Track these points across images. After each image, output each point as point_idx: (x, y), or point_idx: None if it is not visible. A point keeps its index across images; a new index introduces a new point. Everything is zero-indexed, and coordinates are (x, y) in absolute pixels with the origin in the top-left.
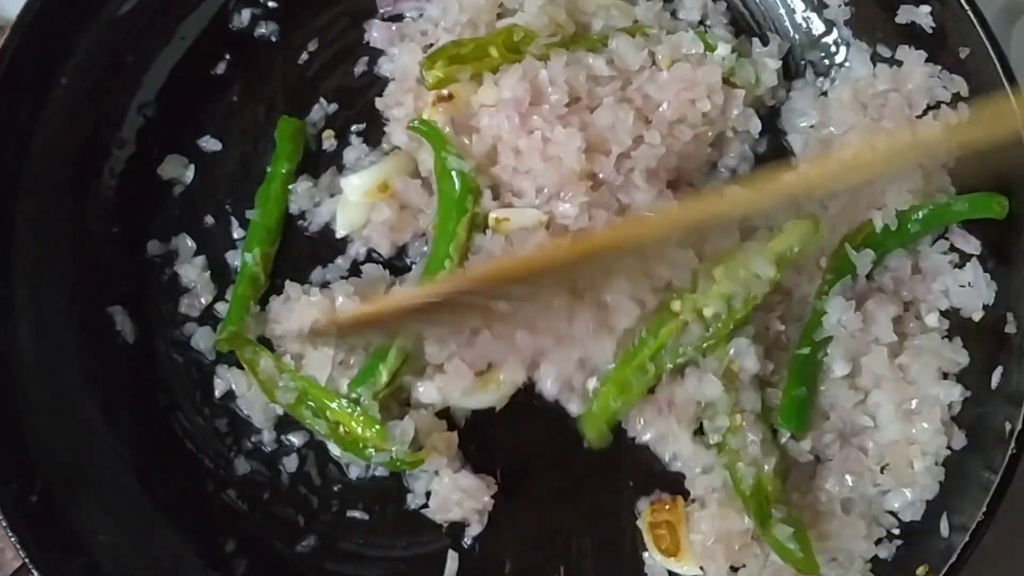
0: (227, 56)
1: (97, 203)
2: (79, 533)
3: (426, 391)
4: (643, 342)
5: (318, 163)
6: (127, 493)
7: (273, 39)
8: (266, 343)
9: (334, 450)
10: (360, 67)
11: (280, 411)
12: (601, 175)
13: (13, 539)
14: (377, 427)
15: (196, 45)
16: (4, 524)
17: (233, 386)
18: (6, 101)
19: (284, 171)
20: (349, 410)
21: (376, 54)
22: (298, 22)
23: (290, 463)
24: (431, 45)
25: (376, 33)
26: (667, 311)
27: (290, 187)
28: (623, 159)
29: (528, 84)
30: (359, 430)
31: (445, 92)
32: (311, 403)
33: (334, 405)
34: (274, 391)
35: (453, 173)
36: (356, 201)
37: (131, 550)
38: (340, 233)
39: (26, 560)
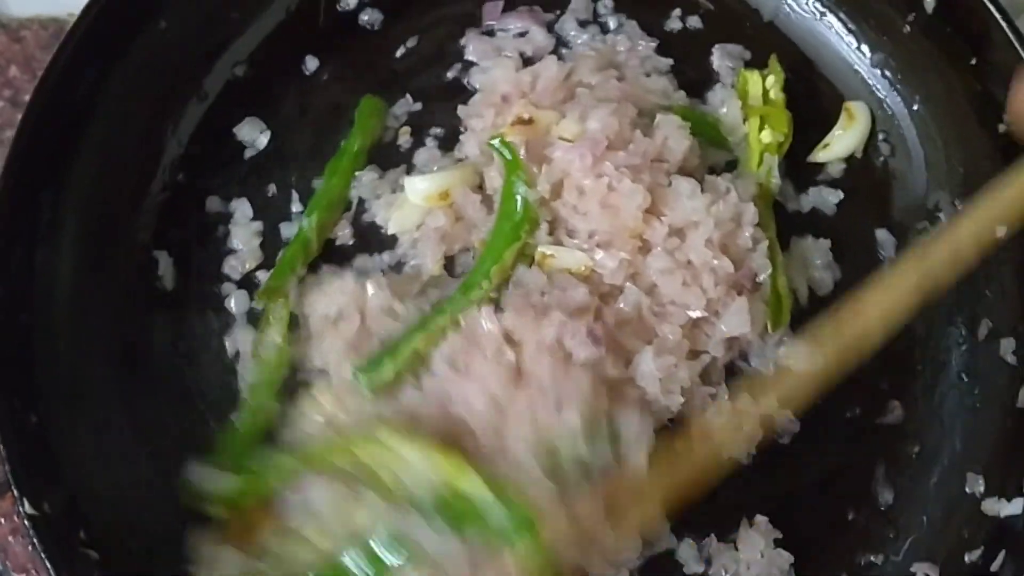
0: (327, 35)
1: (168, 149)
2: (66, 464)
3: None
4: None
5: (389, 158)
6: (122, 436)
7: (375, 27)
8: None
9: None
10: (452, 72)
11: None
12: (652, 241)
13: (3, 452)
14: None
15: (298, 16)
16: None
17: (242, 349)
18: (100, 29)
19: (357, 148)
20: None
21: (470, 63)
22: (402, 17)
23: None
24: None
25: (472, 45)
26: None
27: (356, 174)
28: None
29: (617, 123)
30: None
31: (526, 115)
32: None
33: None
34: None
35: (518, 197)
36: (415, 203)
37: (112, 491)
38: (392, 230)
39: (9, 476)
